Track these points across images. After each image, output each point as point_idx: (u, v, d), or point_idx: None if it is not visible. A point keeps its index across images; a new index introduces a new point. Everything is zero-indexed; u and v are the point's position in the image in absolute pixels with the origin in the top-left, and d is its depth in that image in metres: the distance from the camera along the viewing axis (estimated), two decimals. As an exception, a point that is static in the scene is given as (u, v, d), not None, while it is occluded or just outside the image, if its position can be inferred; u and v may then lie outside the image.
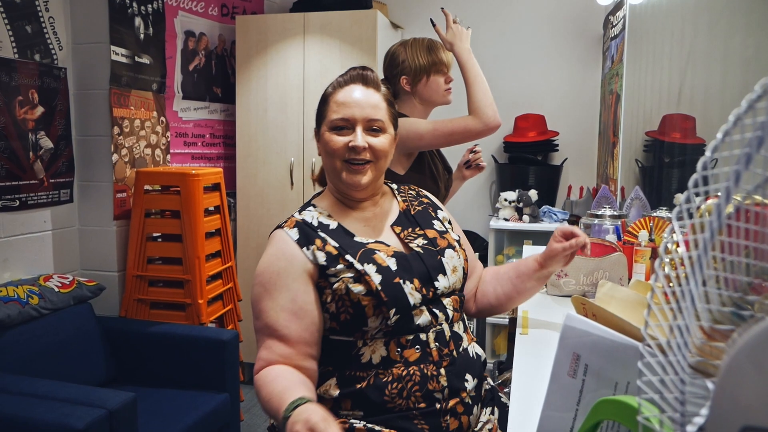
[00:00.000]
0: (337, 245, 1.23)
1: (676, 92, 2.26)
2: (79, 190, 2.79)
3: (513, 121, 3.67)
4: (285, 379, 1.15)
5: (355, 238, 1.27)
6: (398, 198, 1.42)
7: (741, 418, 0.34)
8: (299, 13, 3.38)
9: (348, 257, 1.21)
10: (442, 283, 1.26)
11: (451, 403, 1.18)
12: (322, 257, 1.21)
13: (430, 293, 1.24)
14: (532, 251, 2.42)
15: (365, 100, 1.28)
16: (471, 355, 1.27)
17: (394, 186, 1.47)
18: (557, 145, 3.64)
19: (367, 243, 1.26)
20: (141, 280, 2.74)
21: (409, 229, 1.34)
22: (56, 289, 2.41)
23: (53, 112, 2.61)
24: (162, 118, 3.12)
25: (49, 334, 2.31)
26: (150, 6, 2.99)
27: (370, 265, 1.20)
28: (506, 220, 3.44)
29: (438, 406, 1.17)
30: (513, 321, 1.88)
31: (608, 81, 3.26)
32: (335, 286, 1.20)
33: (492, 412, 1.31)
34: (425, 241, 1.31)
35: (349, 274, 1.19)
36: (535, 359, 1.29)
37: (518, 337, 1.43)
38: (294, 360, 1.20)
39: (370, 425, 1.15)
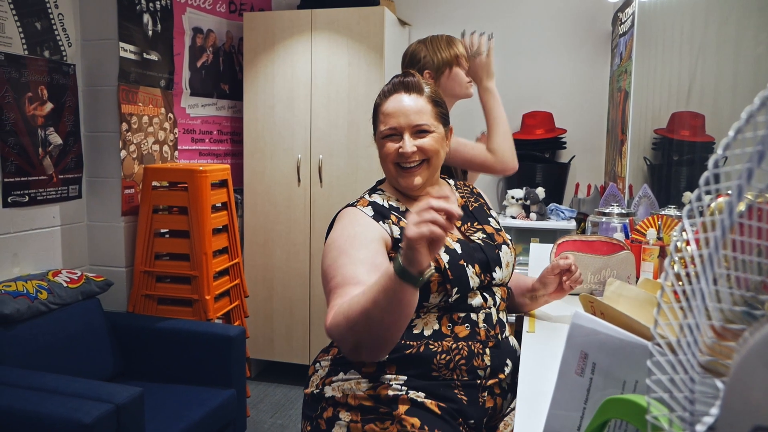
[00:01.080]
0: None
1: (685, 89, 2.25)
2: (88, 186, 2.80)
3: (520, 118, 3.66)
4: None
5: None
6: (456, 194, 1.51)
7: (752, 418, 0.34)
8: (306, 9, 3.37)
9: None
10: (498, 274, 1.36)
11: (491, 382, 1.27)
12: (396, 231, 1.29)
13: (487, 280, 1.33)
14: (539, 249, 2.42)
15: (409, 108, 1.35)
16: (511, 345, 1.37)
17: (452, 182, 1.56)
18: (565, 143, 3.62)
19: None
20: (148, 276, 2.75)
21: (469, 224, 1.44)
22: (65, 284, 2.42)
23: (62, 109, 2.62)
24: (170, 115, 3.13)
25: (58, 329, 2.32)
26: (158, 3, 3.00)
27: None
28: (513, 217, 3.43)
29: (478, 381, 1.25)
30: (520, 319, 1.87)
31: (617, 78, 3.24)
32: None
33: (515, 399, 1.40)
34: (484, 236, 1.41)
35: None
36: (542, 357, 1.29)
37: (525, 334, 1.43)
38: None
39: (411, 392, 1.22)
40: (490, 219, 1.49)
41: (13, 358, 2.13)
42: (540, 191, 3.39)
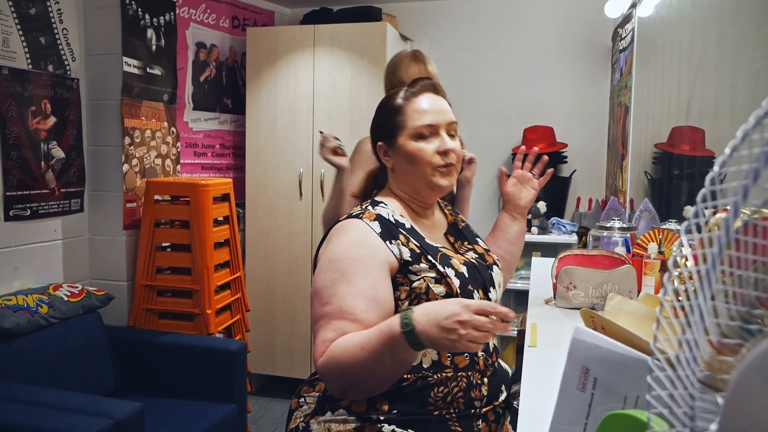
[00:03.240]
0: (418, 244, 1.24)
1: (684, 104, 2.26)
2: (90, 199, 2.81)
3: (522, 132, 3.67)
4: (364, 331, 1.10)
5: (426, 240, 1.28)
6: (445, 211, 1.46)
7: (750, 433, 0.34)
8: (309, 25, 3.40)
9: (430, 258, 1.22)
10: (492, 295, 1.31)
11: (485, 410, 1.23)
12: (407, 253, 1.21)
13: None
14: (540, 263, 2.42)
15: (442, 106, 1.31)
16: (504, 369, 1.33)
17: (438, 200, 1.50)
18: (566, 157, 3.63)
19: (439, 247, 1.28)
20: (150, 290, 2.75)
21: (460, 242, 1.38)
22: (65, 298, 2.42)
23: (65, 123, 2.64)
24: (173, 129, 3.15)
25: (58, 343, 2.32)
26: (162, 18, 3.03)
27: (450, 269, 1.22)
28: (514, 231, 3.43)
29: (473, 411, 1.21)
30: (521, 333, 1.87)
31: (617, 93, 3.26)
32: (415, 284, 1.20)
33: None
34: (476, 255, 1.36)
35: (432, 275, 1.20)
36: (543, 372, 1.28)
37: (527, 349, 1.42)
38: None
39: (399, 430, 1.16)
40: (478, 239, 1.45)
41: (13, 372, 2.13)
42: (541, 205, 3.39)
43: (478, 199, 3.86)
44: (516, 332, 2.96)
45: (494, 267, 1.36)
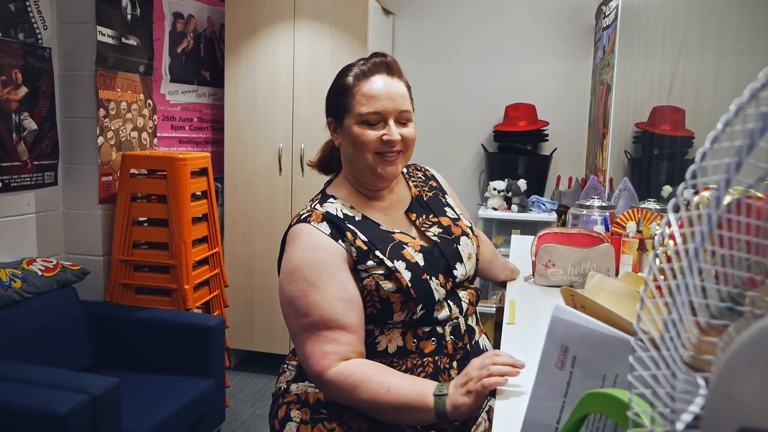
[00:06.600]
0: (366, 240, 1.22)
1: (666, 84, 2.26)
2: (64, 172, 2.75)
3: (504, 110, 3.66)
4: (393, 373, 1.16)
5: (381, 227, 1.27)
6: (410, 183, 1.42)
7: (737, 418, 0.33)
8: (290, -4, 3.33)
9: (378, 253, 1.21)
10: (459, 271, 1.29)
11: None
12: (354, 252, 1.21)
13: (450, 283, 1.27)
14: (520, 240, 2.42)
15: (395, 91, 1.25)
16: (481, 348, 1.32)
17: (404, 170, 1.45)
18: (547, 135, 3.64)
19: (394, 233, 1.27)
20: (126, 265, 2.71)
21: (423, 216, 1.35)
22: (40, 273, 2.38)
23: (37, 93, 2.56)
24: (149, 101, 3.08)
25: (32, 319, 2.28)
26: (137, -14, 2.94)
27: (400, 261, 1.21)
28: (495, 209, 3.44)
29: None
30: (500, 310, 1.87)
31: (599, 71, 3.25)
32: (365, 282, 1.20)
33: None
34: (440, 230, 1.33)
35: (380, 271, 1.20)
36: (522, 350, 1.28)
37: (505, 326, 1.42)
38: (359, 348, 1.18)
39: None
40: (447, 208, 1.39)
41: (-14, 347, 2.09)
42: (522, 183, 3.39)
43: (459, 176, 3.86)
44: (495, 309, 2.98)
45: (461, 238, 1.33)
